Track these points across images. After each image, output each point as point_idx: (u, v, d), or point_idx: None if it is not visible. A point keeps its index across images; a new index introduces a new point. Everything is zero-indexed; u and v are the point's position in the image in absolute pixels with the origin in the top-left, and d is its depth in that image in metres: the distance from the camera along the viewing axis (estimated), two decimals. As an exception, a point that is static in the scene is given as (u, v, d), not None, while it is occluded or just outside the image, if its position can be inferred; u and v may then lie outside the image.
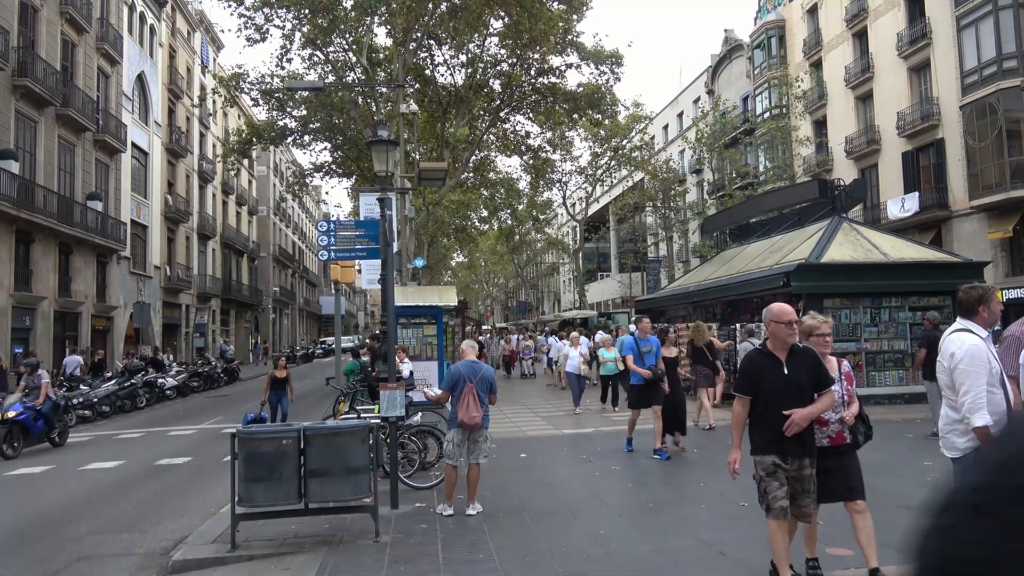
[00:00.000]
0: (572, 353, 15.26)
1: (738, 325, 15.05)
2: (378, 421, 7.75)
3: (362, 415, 9.40)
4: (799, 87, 33.45)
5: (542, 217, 49.40)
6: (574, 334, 16.87)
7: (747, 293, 17.00)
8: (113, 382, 20.78)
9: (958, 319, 4.39)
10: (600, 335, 16.67)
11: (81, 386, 19.52)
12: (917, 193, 27.22)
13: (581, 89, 25.54)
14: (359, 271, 19.64)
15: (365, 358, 17.56)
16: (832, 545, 5.71)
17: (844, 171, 30.86)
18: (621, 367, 12.65)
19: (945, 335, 4.38)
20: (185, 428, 16.03)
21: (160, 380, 23.34)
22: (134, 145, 31.88)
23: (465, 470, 7.30)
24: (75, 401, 18.22)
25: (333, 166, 29.35)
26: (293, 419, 12.91)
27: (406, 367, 12.94)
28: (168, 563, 6.39)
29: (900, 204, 27.70)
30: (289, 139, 27.49)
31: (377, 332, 36.31)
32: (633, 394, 10.27)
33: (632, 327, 25.17)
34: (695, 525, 6.50)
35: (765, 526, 6.34)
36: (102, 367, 25.37)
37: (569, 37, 23.19)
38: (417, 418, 9.71)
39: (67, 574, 6.42)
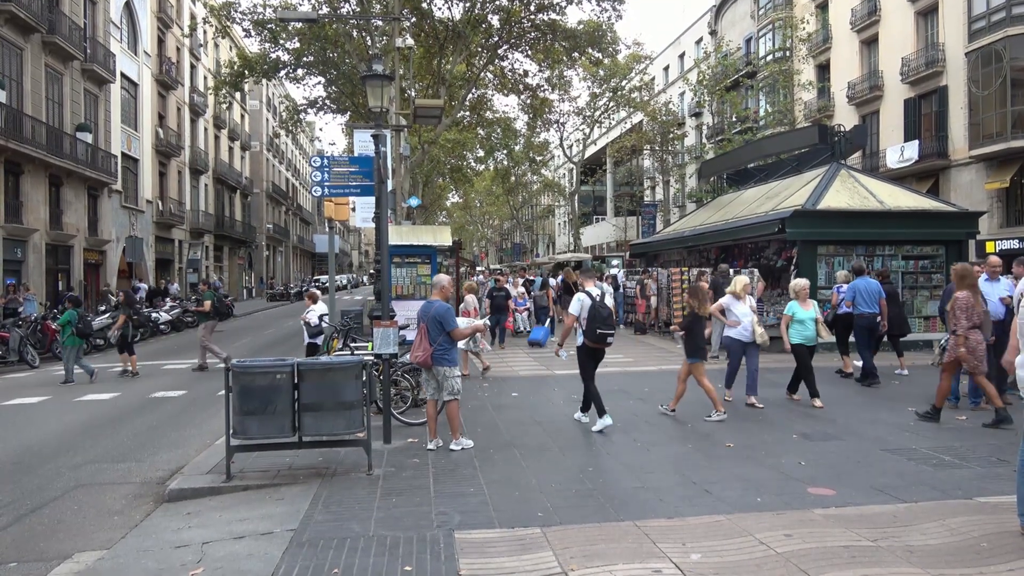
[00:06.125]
0: (739, 308, 9.31)
1: (731, 270, 15.06)
2: (371, 358, 7.82)
3: (355, 352, 9.47)
4: (803, 29, 32.74)
5: (538, 158, 48.86)
6: (742, 278, 9.75)
7: (742, 238, 17.00)
8: (107, 315, 20.79)
9: None
10: (799, 280, 9.92)
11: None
12: (917, 141, 26.99)
13: (581, 26, 24.92)
14: (353, 209, 19.43)
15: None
16: (815, 485, 5.85)
17: (845, 117, 30.50)
18: (826, 336, 9.65)
19: None
20: (179, 362, 16.13)
21: (154, 315, 23.39)
22: (123, 75, 31.17)
23: (440, 406, 7.46)
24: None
25: (327, 101, 28.75)
26: (287, 356, 12.93)
27: (313, 314, 12.36)
28: (164, 492, 6.51)
29: (899, 152, 27.49)
30: (282, 72, 26.81)
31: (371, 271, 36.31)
32: None
33: (615, 270, 24.95)
34: (681, 464, 6.64)
35: (748, 466, 6.50)
36: (166, 292, 30.04)
37: (571, -31, 22.49)
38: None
39: (65, 501, 6.54)
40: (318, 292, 13.47)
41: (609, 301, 8.37)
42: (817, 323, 9.34)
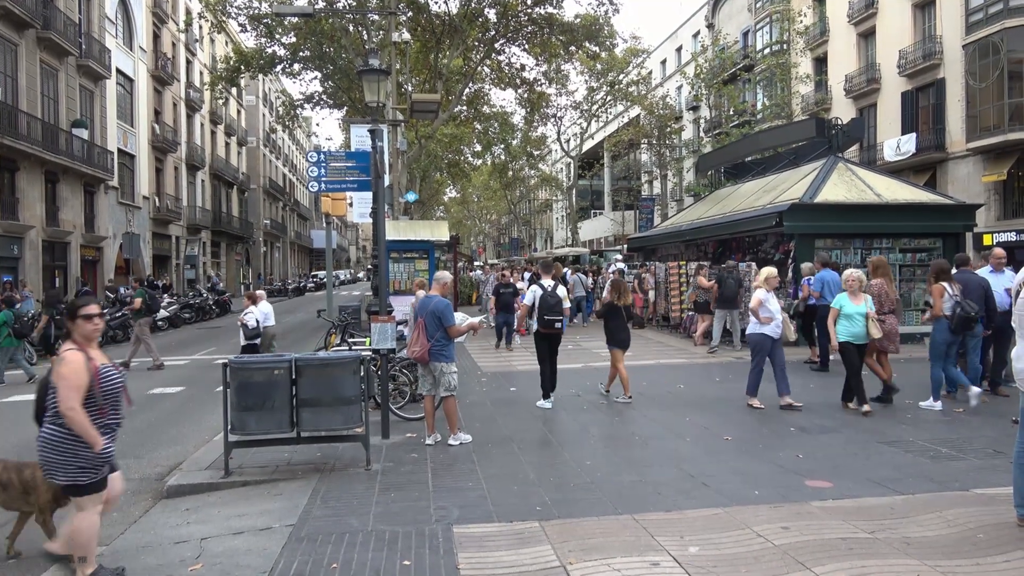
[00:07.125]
0: (773, 304, 8.68)
1: (740, 265, 15.05)
2: (369, 353, 7.82)
3: (353, 347, 9.47)
4: (801, 22, 32.70)
5: (536, 153, 48.79)
6: (771, 269, 9.05)
7: (740, 232, 17.00)
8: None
9: None
10: (851, 271, 8.67)
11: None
12: (914, 134, 26.99)
13: (578, 20, 24.88)
14: (350, 204, 19.41)
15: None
16: (812, 477, 5.87)
17: (842, 110, 30.50)
18: (876, 333, 8.31)
19: None
20: (177, 358, 16.12)
21: (151, 311, 23.33)
22: (119, 71, 31.05)
23: (438, 401, 7.47)
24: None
25: (324, 96, 28.71)
26: (284, 351, 12.92)
27: (251, 316, 11.72)
28: (163, 488, 6.52)
29: (897, 145, 27.51)
30: (278, 67, 26.76)
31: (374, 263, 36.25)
32: None
33: (619, 264, 24.96)
34: (679, 457, 6.66)
35: (746, 459, 6.52)
36: (167, 288, 30.11)
37: (567, -36, 22.48)
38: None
39: (64, 497, 6.53)
40: (262, 293, 12.75)
41: (561, 291, 9.07)
42: (868, 319, 8.24)
